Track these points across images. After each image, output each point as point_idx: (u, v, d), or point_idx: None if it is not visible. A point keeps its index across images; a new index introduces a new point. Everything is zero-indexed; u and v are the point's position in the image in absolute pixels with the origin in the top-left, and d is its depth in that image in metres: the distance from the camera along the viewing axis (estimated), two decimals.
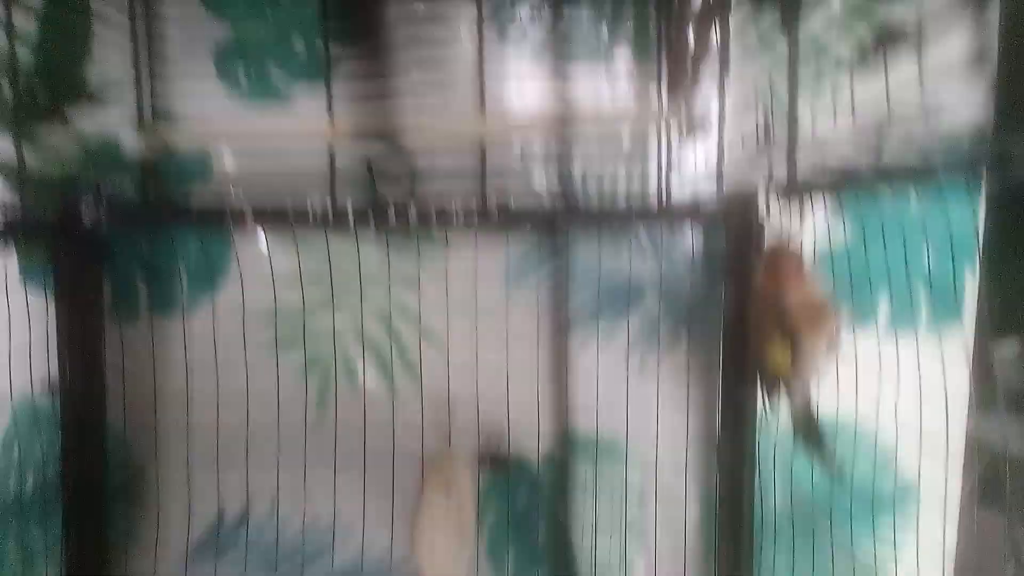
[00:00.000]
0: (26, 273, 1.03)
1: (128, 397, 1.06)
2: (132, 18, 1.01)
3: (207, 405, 1.05)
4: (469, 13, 1.03)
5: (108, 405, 1.04)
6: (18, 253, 1.04)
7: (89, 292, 1.04)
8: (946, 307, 1.01)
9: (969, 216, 0.96)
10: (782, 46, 0.97)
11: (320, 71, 1.03)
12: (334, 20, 1.03)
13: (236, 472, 1.06)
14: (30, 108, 0.94)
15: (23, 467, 1.05)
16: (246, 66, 1.04)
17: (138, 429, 1.06)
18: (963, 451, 1.00)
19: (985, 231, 0.99)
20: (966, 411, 1.01)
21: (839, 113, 0.89)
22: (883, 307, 1.02)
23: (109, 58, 1.00)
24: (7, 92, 0.89)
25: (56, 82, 0.98)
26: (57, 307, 1.01)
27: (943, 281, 1.01)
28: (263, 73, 1.04)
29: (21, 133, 0.97)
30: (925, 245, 0.99)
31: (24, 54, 0.93)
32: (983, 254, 1.01)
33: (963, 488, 0.99)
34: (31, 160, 0.99)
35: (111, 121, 1.00)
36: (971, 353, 0.98)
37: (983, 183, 0.93)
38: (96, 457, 1.03)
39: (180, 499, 1.06)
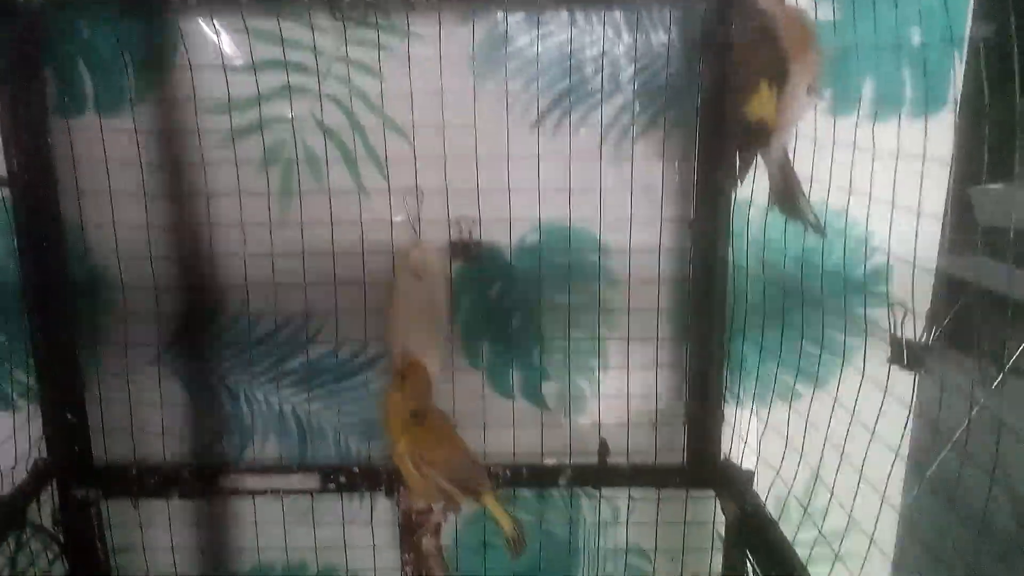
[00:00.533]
0: None
1: (82, 194, 1.02)
2: None
3: (165, 201, 1.02)
4: None
5: (62, 201, 1.00)
6: None
7: (30, 83, 0.97)
8: (932, 91, 0.97)
9: None
10: None
11: None
12: None
13: (203, 269, 1.04)
14: None
15: None
16: None
17: (96, 226, 1.03)
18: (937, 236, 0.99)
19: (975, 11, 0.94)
20: (943, 198, 0.99)
21: None
22: (868, 89, 0.98)
23: None
24: None
25: None
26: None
27: (930, 64, 0.96)
28: None
29: None
30: (916, 25, 0.94)
31: None
32: (972, 36, 0.97)
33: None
34: None
35: None
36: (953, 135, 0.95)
37: None
38: (54, 254, 1.00)
39: (147, 297, 1.05)
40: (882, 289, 1.00)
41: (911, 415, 0.83)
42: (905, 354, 0.73)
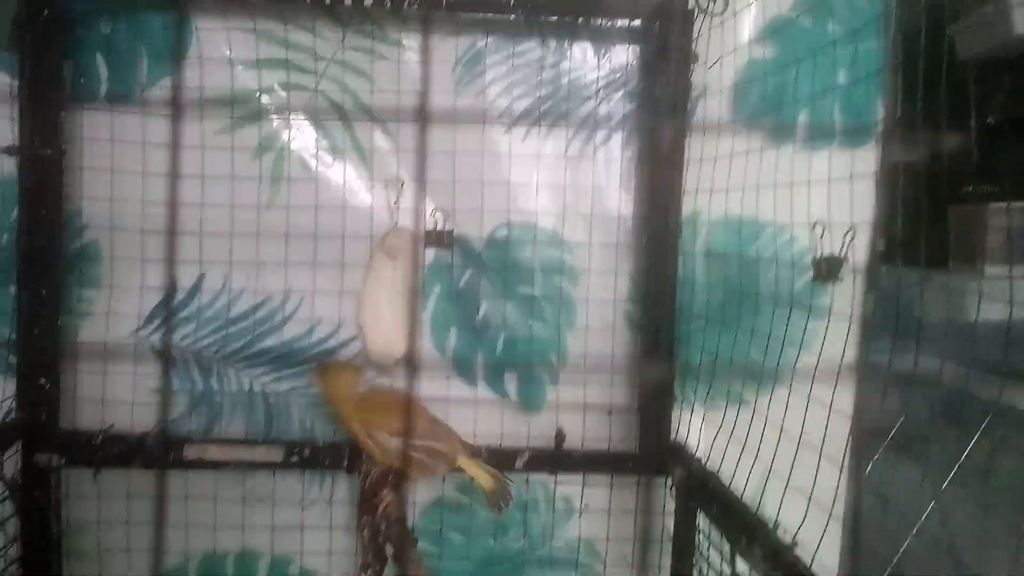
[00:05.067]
0: None
1: (85, 171, 1.09)
2: None
3: (161, 180, 1.09)
4: None
5: (65, 177, 1.08)
6: None
7: (51, 67, 1.06)
8: (857, 127, 1.10)
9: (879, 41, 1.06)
10: None
11: None
12: None
13: (190, 246, 1.10)
14: None
15: None
16: None
17: (93, 202, 1.09)
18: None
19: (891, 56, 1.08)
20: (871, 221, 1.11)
21: None
22: (800, 125, 1.11)
23: None
24: None
25: None
26: (20, 81, 1.04)
27: (855, 102, 1.10)
28: None
29: None
30: (837, 68, 1.09)
31: None
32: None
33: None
34: None
35: None
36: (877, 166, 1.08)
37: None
38: (52, 224, 1.06)
39: (132, 270, 1.10)
40: (820, 303, 1.09)
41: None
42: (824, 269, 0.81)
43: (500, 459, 1.08)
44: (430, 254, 1.12)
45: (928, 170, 0.84)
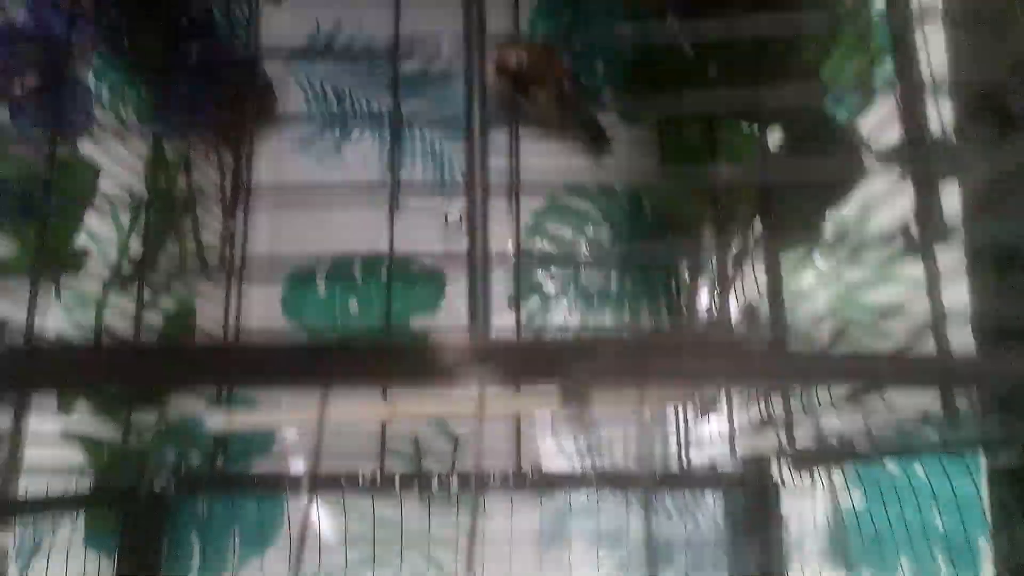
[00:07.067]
0: (90, 537, 1.11)
1: None
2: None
3: None
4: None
5: None
6: (86, 518, 1.12)
7: (148, 553, 1.10)
8: (965, 569, 1.06)
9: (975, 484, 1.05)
10: None
11: None
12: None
13: None
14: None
15: None
16: None
17: None
18: None
19: (990, 500, 1.06)
20: None
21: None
22: (905, 569, 1.07)
23: None
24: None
25: None
26: (118, 567, 1.08)
27: (959, 545, 1.07)
28: None
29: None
30: (936, 510, 1.07)
31: None
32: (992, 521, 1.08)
33: None
34: (113, 435, 1.09)
35: (193, 404, 1.11)
36: None
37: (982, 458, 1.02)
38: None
39: None
40: None
41: None
42: None
43: None
44: None
45: None
